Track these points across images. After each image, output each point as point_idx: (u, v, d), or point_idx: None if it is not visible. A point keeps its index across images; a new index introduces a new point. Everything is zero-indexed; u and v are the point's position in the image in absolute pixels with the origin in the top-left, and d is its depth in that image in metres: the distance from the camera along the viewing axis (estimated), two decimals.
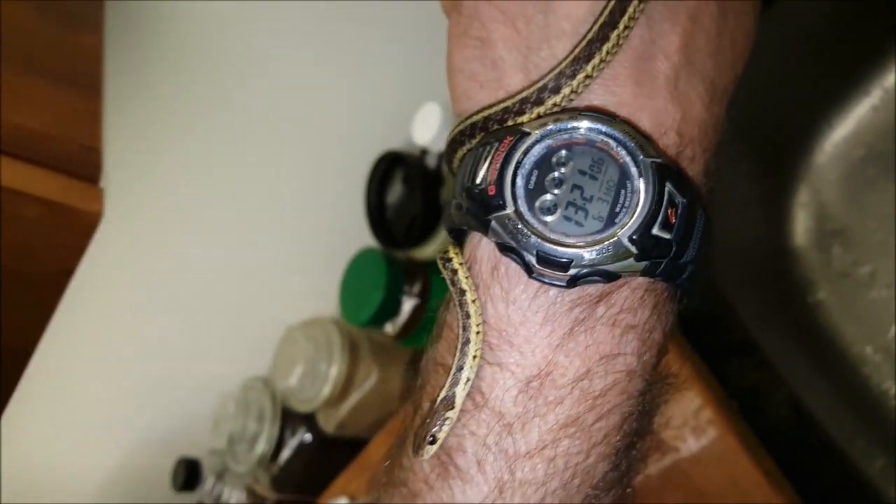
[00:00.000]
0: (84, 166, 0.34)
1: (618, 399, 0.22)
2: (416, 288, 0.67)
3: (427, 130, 0.61)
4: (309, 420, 0.72)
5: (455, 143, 0.25)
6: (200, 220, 0.69)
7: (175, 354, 0.73)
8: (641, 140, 0.21)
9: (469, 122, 0.24)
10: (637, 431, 0.23)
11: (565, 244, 0.20)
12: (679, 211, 0.21)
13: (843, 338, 0.61)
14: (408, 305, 0.66)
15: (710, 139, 0.23)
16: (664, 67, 0.22)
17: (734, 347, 0.56)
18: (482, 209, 0.21)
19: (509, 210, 0.21)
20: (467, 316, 0.22)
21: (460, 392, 0.22)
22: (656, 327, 0.22)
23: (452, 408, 0.22)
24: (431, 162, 0.65)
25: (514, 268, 0.22)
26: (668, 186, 0.21)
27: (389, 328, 0.67)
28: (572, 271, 0.20)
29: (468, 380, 0.22)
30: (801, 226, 0.65)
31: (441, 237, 0.65)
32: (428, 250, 0.65)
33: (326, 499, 0.71)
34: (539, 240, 0.20)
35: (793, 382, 0.55)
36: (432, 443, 0.22)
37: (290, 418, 0.72)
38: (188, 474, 0.78)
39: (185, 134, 0.63)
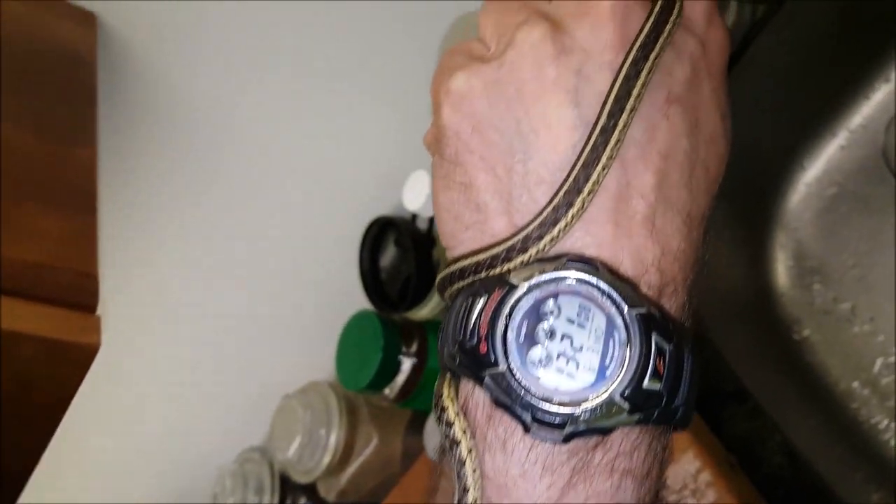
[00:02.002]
0: (81, 295, 0.35)
1: None
2: (414, 347, 0.67)
3: (417, 197, 0.62)
4: (309, 489, 0.72)
5: (446, 281, 0.26)
6: (194, 293, 0.69)
7: (170, 429, 0.73)
8: (625, 289, 0.22)
9: (459, 266, 0.25)
10: None
11: (559, 402, 0.21)
12: (667, 358, 0.22)
13: (831, 374, 0.62)
14: (406, 366, 0.67)
15: (690, 267, 0.25)
16: (641, 207, 0.23)
17: (727, 396, 0.57)
18: (475, 364, 0.22)
19: (502, 367, 0.22)
20: (465, 476, 0.22)
21: None
22: (653, 466, 0.23)
23: None
24: (422, 225, 0.66)
25: (509, 418, 0.22)
26: (655, 336, 0.21)
27: (388, 391, 0.67)
28: (567, 430, 0.21)
29: None
30: (782, 265, 0.66)
31: (435, 298, 0.66)
32: (423, 311, 0.66)
33: None
34: (533, 399, 0.21)
35: (785, 425, 0.56)
36: None
37: (289, 488, 0.72)
38: None
39: (179, 202, 0.63)
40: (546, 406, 0.21)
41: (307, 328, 0.75)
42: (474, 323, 0.22)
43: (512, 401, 0.21)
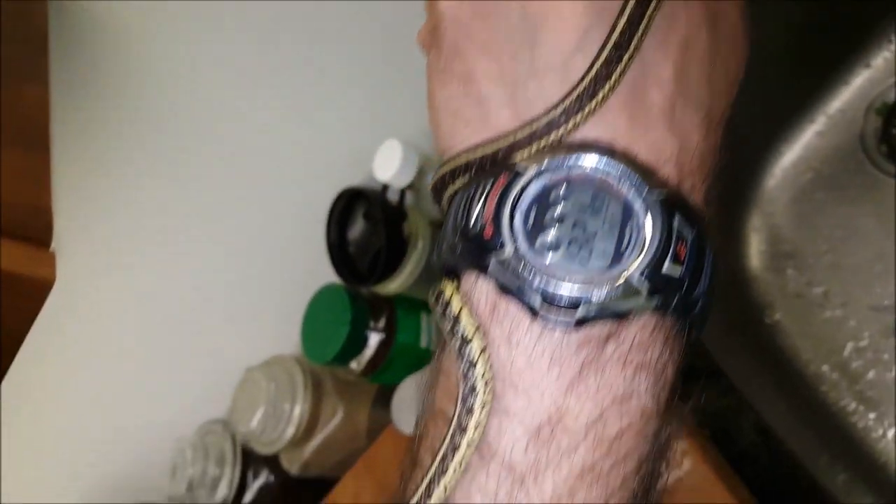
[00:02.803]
0: (35, 229, 0.32)
1: (634, 442, 0.21)
2: (382, 322, 0.66)
3: (388, 167, 0.61)
4: (272, 461, 0.69)
5: (444, 180, 0.24)
6: (155, 260, 0.67)
7: (129, 398, 0.70)
8: (643, 174, 0.21)
9: (462, 160, 0.23)
10: (653, 473, 0.22)
11: (572, 283, 0.20)
12: (688, 244, 0.20)
13: (801, 358, 0.62)
14: (373, 340, 0.65)
15: (708, 168, 0.23)
16: (658, 98, 0.22)
17: (700, 373, 0.57)
18: (479, 250, 0.20)
19: (508, 250, 0.20)
20: (472, 366, 0.21)
21: (462, 452, 0.21)
22: (669, 364, 0.21)
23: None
24: (393, 197, 0.64)
25: (515, 308, 0.21)
26: (676, 220, 0.20)
27: (354, 365, 0.65)
28: (580, 312, 0.20)
29: (469, 443, 0.21)
30: (756, 249, 0.66)
31: (405, 272, 0.64)
32: (392, 285, 0.64)
33: None
34: (542, 279, 0.20)
35: (757, 405, 0.55)
36: None
37: (251, 460, 0.70)
38: None
39: (140, 173, 0.60)
40: (557, 285, 0.20)
41: (273, 301, 0.73)
42: (479, 210, 0.21)
43: (519, 284, 0.20)
